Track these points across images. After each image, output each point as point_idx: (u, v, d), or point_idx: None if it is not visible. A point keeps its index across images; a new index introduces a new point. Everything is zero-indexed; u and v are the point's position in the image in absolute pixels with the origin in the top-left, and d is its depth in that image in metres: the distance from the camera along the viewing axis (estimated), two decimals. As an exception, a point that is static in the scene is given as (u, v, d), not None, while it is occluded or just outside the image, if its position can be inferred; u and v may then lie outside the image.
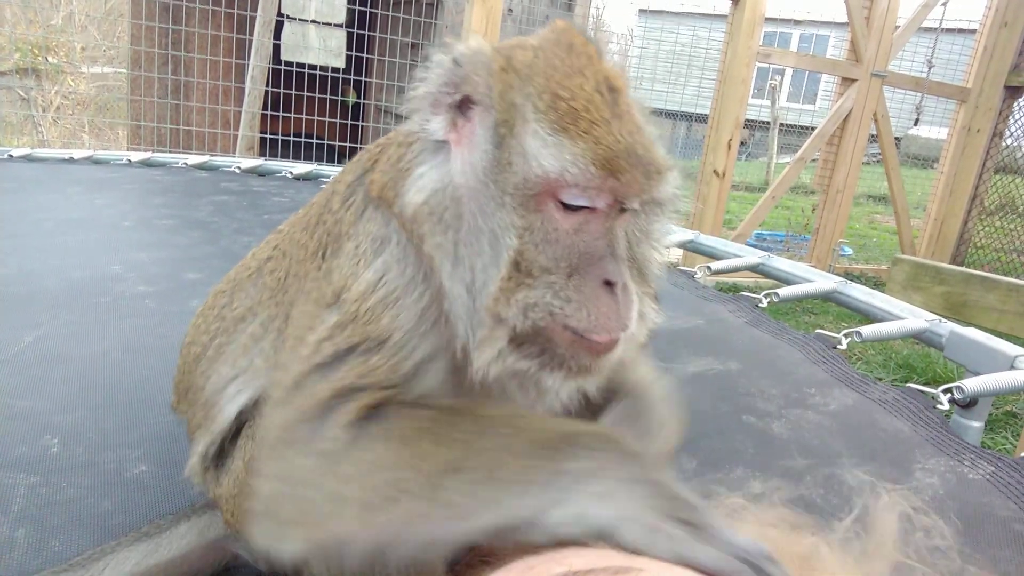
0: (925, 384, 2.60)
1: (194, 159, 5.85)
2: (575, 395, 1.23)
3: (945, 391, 2.47)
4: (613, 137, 1.08)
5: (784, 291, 3.39)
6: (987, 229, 10.55)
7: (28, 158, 5.52)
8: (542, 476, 0.99)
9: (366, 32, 10.11)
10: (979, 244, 10.60)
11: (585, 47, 1.16)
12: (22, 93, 14.17)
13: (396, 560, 1.10)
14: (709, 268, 3.81)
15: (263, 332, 1.41)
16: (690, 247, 4.38)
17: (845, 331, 2.92)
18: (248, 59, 9.10)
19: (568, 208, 1.10)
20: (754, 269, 3.83)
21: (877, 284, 9.15)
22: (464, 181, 1.13)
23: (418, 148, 1.20)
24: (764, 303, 3.35)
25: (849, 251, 11.85)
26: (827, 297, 3.46)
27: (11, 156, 5.48)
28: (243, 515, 1.22)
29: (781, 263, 3.79)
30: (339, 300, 1.20)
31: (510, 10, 10.65)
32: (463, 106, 1.16)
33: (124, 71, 11.56)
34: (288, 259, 1.45)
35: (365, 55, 10.30)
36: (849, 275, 9.59)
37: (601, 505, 0.96)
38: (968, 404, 2.50)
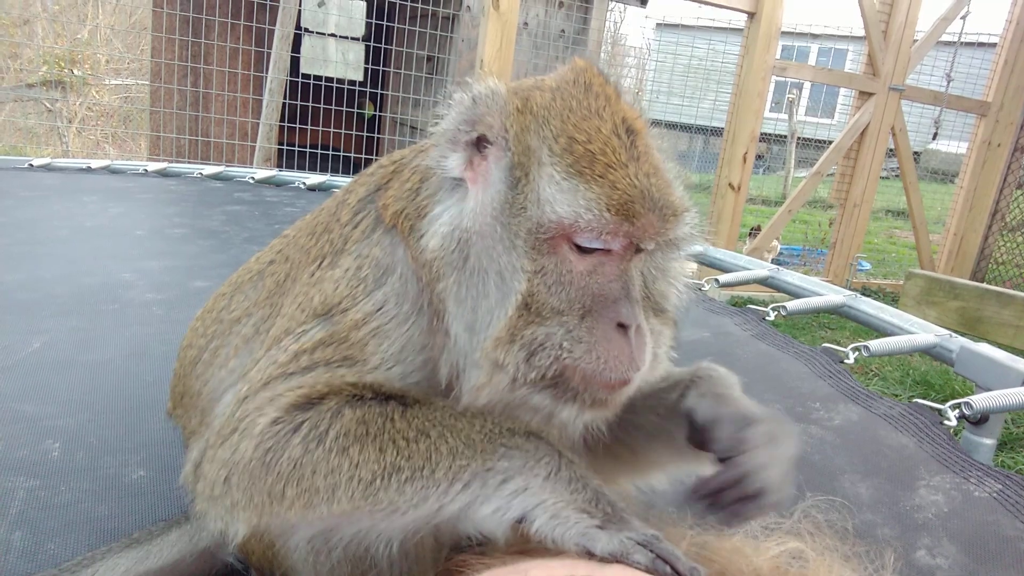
0: (942, 402, 2.54)
1: (209, 169, 5.92)
2: (592, 427, 1.22)
3: (953, 407, 2.43)
4: (629, 181, 1.07)
5: (792, 304, 3.36)
6: (1008, 245, 10.38)
7: (48, 167, 5.62)
8: (467, 475, 1.05)
9: (383, 45, 10.21)
10: (1000, 260, 10.44)
11: (604, 88, 1.16)
12: (48, 105, 14.47)
13: (339, 547, 1.16)
14: (717, 280, 3.78)
15: (254, 333, 1.42)
16: (699, 259, 4.35)
17: (853, 345, 2.88)
18: (267, 72, 9.23)
19: (582, 250, 1.09)
20: (763, 282, 3.80)
21: (895, 299, 9.03)
22: (473, 223, 1.13)
23: (435, 184, 1.22)
24: (771, 316, 3.32)
25: (867, 266, 11.74)
26: (836, 311, 3.42)
27: (31, 165, 5.58)
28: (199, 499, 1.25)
29: (790, 276, 3.75)
30: (329, 315, 1.22)
31: (526, 24, 10.71)
32: (480, 144, 1.17)
33: (146, 83, 11.76)
34: (289, 263, 1.46)
35: (382, 68, 10.41)
36: (867, 290, 9.50)
37: (518, 500, 1.03)
38: (979, 421, 2.46)
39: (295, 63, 9.55)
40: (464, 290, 1.13)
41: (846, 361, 2.86)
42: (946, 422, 2.41)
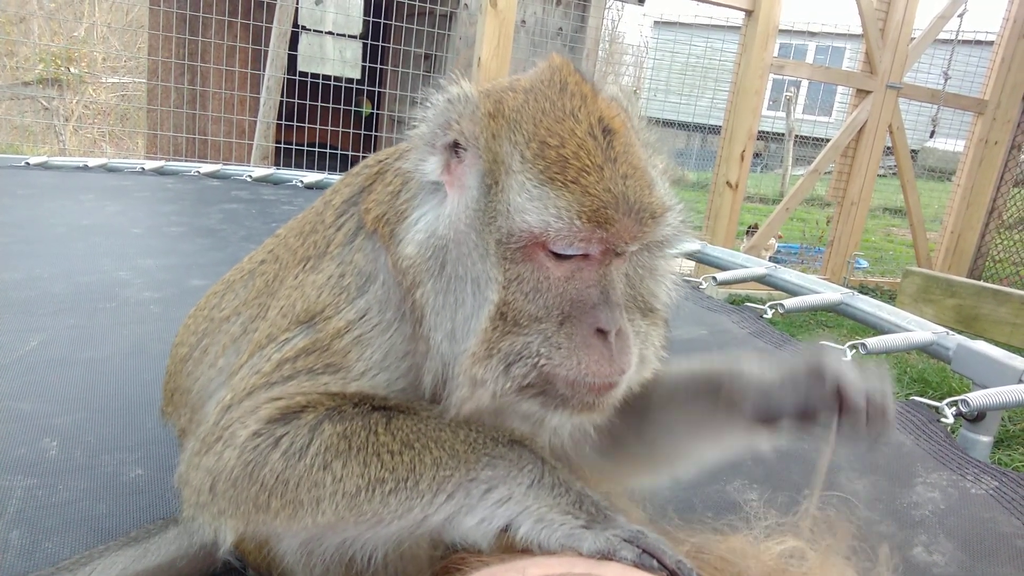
0: (939, 399, 2.54)
1: (207, 167, 5.91)
2: (579, 431, 1.22)
3: (950, 404, 2.43)
4: (603, 185, 1.04)
5: (790, 302, 3.36)
6: (1006, 243, 10.39)
7: (44, 166, 5.61)
8: (451, 486, 1.05)
9: (380, 43, 10.19)
10: (997, 257, 10.44)
11: (580, 86, 1.12)
12: (44, 103, 14.44)
13: (328, 554, 1.17)
14: (715, 278, 3.78)
15: (241, 332, 1.42)
16: (697, 257, 4.36)
17: (850, 343, 2.88)
18: (264, 70, 9.21)
19: (559, 256, 1.07)
20: (760, 280, 3.80)
21: (892, 297, 9.03)
22: (449, 230, 1.12)
23: (415, 188, 1.20)
24: (769, 314, 3.32)
25: (864, 264, 11.73)
26: (833, 309, 3.42)
27: (28, 164, 5.57)
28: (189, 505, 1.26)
29: (788, 274, 3.75)
30: (312, 323, 1.22)
31: (523, 22, 10.69)
32: (456, 148, 1.15)
33: (143, 81, 11.73)
34: (279, 263, 1.46)
35: (379, 66, 10.38)
36: (864, 288, 9.50)
37: (502, 509, 1.03)
38: (976, 418, 2.46)
39: (292, 61, 9.52)
40: (442, 298, 1.12)
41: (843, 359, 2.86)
42: (943, 419, 2.41)
